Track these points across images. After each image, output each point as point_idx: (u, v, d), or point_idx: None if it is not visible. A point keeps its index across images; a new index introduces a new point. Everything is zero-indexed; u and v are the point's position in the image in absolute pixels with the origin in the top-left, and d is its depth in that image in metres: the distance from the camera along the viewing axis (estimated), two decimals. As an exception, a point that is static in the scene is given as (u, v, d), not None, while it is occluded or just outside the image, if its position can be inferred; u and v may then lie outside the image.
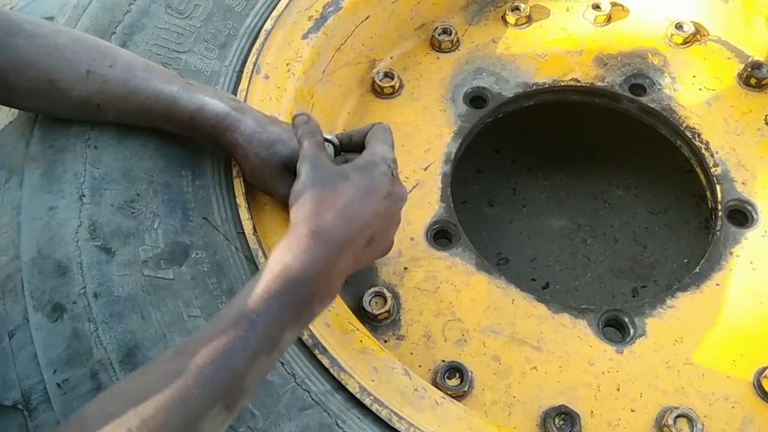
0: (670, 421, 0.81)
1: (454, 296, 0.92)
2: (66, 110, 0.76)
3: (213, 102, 0.74)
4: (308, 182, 0.64)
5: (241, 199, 0.78)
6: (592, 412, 0.84)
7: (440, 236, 0.99)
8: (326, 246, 0.60)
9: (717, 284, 0.93)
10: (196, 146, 0.80)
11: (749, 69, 1.11)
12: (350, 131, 0.78)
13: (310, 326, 0.69)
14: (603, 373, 0.87)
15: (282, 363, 0.66)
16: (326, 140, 0.74)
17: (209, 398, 0.52)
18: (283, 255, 0.59)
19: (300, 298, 0.58)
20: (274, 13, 0.95)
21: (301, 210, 0.62)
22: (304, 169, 0.65)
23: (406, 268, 0.94)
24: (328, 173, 0.65)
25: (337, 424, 0.63)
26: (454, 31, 1.17)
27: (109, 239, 0.71)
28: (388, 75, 1.12)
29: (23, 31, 0.72)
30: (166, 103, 0.74)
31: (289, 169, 0.74)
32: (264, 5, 0.96)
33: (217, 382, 0.53)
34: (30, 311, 0.66)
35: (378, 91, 1.12)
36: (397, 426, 0.64)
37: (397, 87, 1.12)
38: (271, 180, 0.75)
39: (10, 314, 0.66)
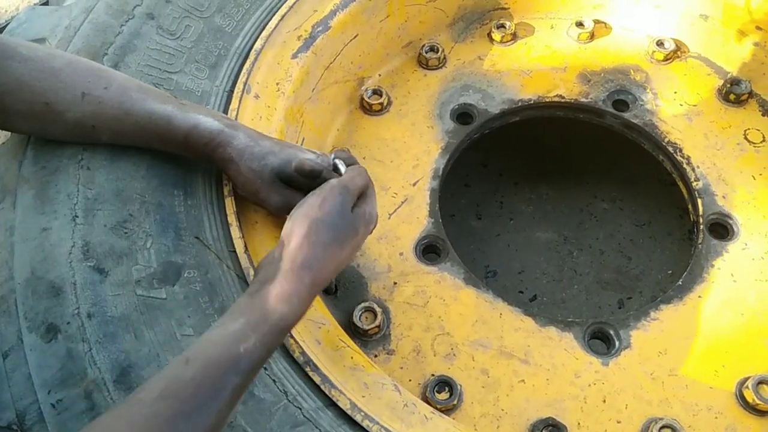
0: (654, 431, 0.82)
1: (443, 311, 0.94)
2: (60, 132, 0.77)
3: (206, 120, 0.76)
4: (328, 219, 0.67)
5: (232, 218, 0.79)
6: (579, 423, 0.86)
7: (429, 251, 1.00)
8: (313, 289, 0.64)
9: (699, 296, 0.95)
10: (187, 166, 0.81)
11: (728, 85, 1.14)
12: None
13: (301, 344, 0.71)
14: (589, 385, 0.89)
15: (274, 381, 0.67)
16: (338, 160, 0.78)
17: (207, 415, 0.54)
18: (280, 304, 0.60)
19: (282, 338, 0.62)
20: (264, 33, 0.97)
21: (304, 255, 0.64)
22: (331, 195, 0.68)
23: (395, 283, 0.96)
24: (343, 225, 0.68)
25: (329, 441, 0.64)
26: (440, 49, 1.20)
27: (103, 259, 0.72)
28: (377, 92, 1.14)
29: (18, 54, 0.73)
30: (160, 123, 0.75)
31: (281, 179, 0.76)
32: (254, 26, 0.98)
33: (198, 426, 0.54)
34: (24, 332, 0.67)
35: (367, 108, 1.14)
36: (387, 441, 0.65)
37: (385, 104, 1.14)
38: (264, 191, 0.77)
39: (4, 335, 0.67)
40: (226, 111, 0.89)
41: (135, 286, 0.70)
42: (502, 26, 1.22)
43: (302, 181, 0.76)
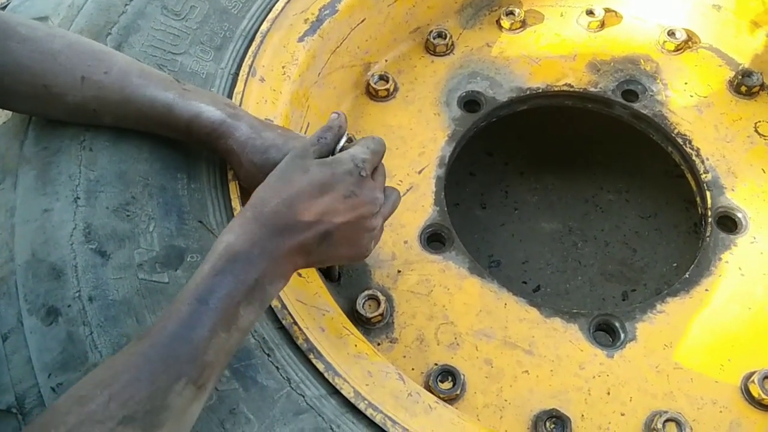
0: (660, 425, 0.82)
1: (447, 300, 0.93)
2: (61, 114, 0.76)
3: (209, 109, 0.74)
4: (273, 173, 0.66)
5: (236, 203, 0.78)
6: (582, 415, 0.85)
7: (434, 239, 0.99)
8: (266, 228, 0.61)
9: (706, 290, 0.95)
10: (191, 149, 0.80)
11: (740, 77, 1.12)
12: None
13: (305, 330, 0.70)
14: (594, 377, 0.88)
15: (277, 368, 0.67)
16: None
17: (172, 372, 0.54)
18: (226, 234, 0.61)
19: (246, 276, 0.59)
20: (270, 16, 0.95)
21: (253, 196, 0.64)
22: (280, 162, 0.67)
23: (399, 271, 0.95)
24: (291, 166, 0.66)
25: (332, 429, 0.63)
26: (448, 35, 1.18)
27: (104, 242, 0.71)
28: (383, 78, 1.13)
29: (17, 34, 0.71)
30: (161, 111, 0.74)
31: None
32: (260, 8, 0.96)
33: (178, 356, 0.54)
34: (24, 314, 0.66)
35: (373, 94, 1.13)
36: (391, 430, 0.64)
37: (391, 90, 1.13)
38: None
39: (3, 317, 0.66)
40: (230, 94, 0.87)
41: (137, 269, 0.70)
42: (511, 13, 1.21)
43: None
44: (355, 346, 0.73)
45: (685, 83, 1.15)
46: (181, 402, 0.54)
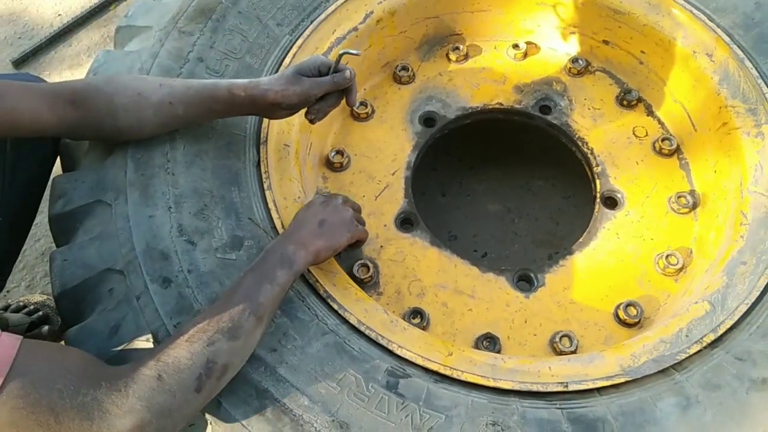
0: (557, 340, 1.23)
1: (416, 264, 1.33)
2: (150, 113, 1.10)
3: (240, 80, 1.15)
4: (300, 214, 1.13)
5: (271, 204, 1.17)
6: (508, 337, 1.26)
7: (405, 223, 1.39)
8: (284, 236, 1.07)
9: (593, 249, 1.36)
10: (238, 170, 1.18)
11: (623, 93, 1.53)
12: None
13: (324, 285, 1.09)
14: (516, 311, 1.29)
15: (308, 308, 1.06)
16: (348, 53, 1.14)
17: (242, 307, 0.93)
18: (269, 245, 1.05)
19: (275, 254, 1.01)
20: (281, 68, 1.33)
21: (290, 224, 1.11)
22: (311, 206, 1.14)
23: (381, 246, 1.35)
24: (309, 213, 1.12)
25: (345, 342, 1.03)
26: (410, 68, 1.57)
27: (192, 235, 1.09)
28: (363, 103, 1.51)
29: (118, 77, 1.14)
30: (210, 87, 1.13)
31: (299, 73, 1.14)
32: (273, 62, 1.34)
33: (244, 299, 0.93)
34: (148, 283, 1.05)
35: (356, 116, 1.51)
36: (381, 342, 1.04)
37: (370, 112, 1.52)
38: (290, 89, 1.12)
39: (135, 285, 1.05)
40: (259, 124, 1.26)
41: (215, 252, 1.09)
42: (457, 48, 1.59)
43: (315, 73, 1.15)
44: (356, 294, 1.13)
45: (585, 99, 1.55)
46: (248, 326, 0.93)
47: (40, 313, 1.58)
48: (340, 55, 1.14)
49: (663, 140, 1.45)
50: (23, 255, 1.72)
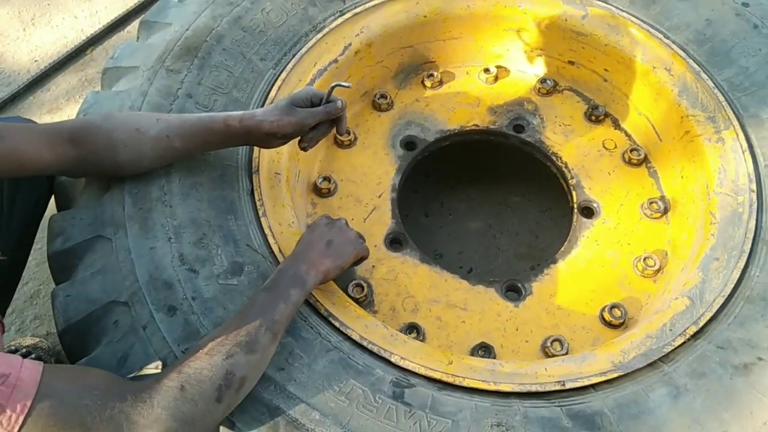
0: (549, 344, 1.29)
1: (408, 281, 1.38)
2: (149, 147, 1.14)
3: (235, 112, 1.20)
4: (306, 236, 1.16)
5: (267, 231, 1.21)
6: (502, 345, 1.32)
7: (395, 242, 1.45)
8: (294, 255, 1.11)
9: (575, 257, 1.43)
10: (233, 200, 1.22)
11: (591, 109, 1.62)
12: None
13: (324, 304, 1.13)
14: (507, 320, 1.35)
15: (311, 327, 1.10)
16: (340, 85, 1.20)
17: (259, 323, 0.96)
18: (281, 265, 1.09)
19: (287, 274, 1.05)
20: (267, 101, 1.39)
21: (298, 246, 1.15)
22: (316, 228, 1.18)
23: (373, 266, 1.40)
24: (315, 234, 1.16)
25: (350, 357, 1.07)
26: (389, 95, 1.64)
27: (193, 263, 1.13)
28: (346, 131, 1.57)
29: (115, 114, 1.17)
30: (205, 120, 1.17)
31: (294, 104, 1.19)
32: (259, 95, 1.39)
33: (261, 315, 0.97)
34: (153, 312, 1.07)
35: (340, 144, 1.57)
36: (383, 355, 1.08)
37: (353, 140, 1.58)
38: (284, 119, 1.17)
39: (140, 315, 1.07)
40: (251, 154, 1.30)
41: (216, 278, 1.12)
42: (432, 75, 1.67)
43: (308, 104, 1.20)
44: (355, 311, 1.17)
45: (555, 116, 1.63)
46: (264, 341, 0.97)
47: (33, 355, 1.57)
48: (332, 87, 1.20)
49: (631, 151, 1.54)
50: (12, 299, 1.71)
